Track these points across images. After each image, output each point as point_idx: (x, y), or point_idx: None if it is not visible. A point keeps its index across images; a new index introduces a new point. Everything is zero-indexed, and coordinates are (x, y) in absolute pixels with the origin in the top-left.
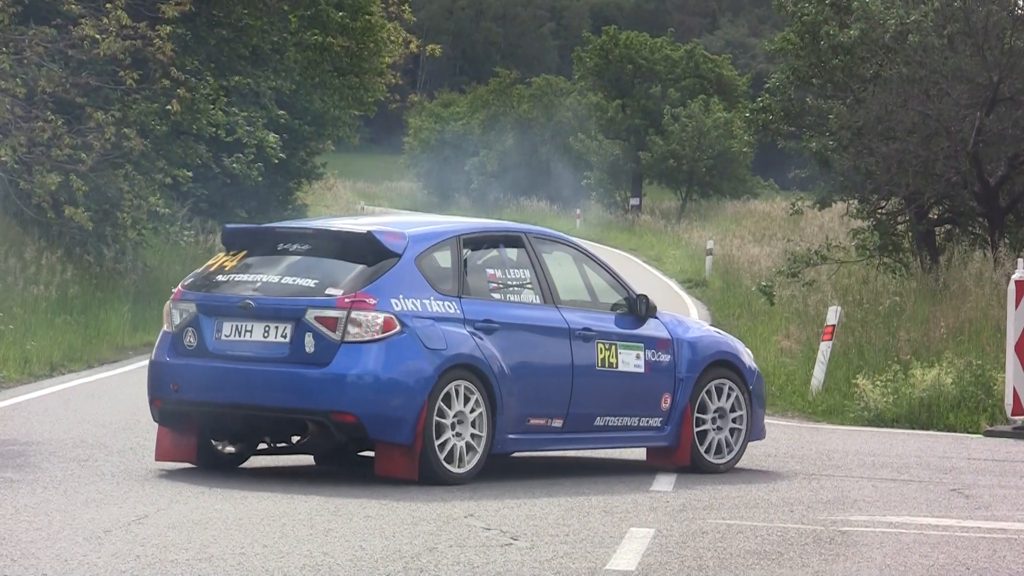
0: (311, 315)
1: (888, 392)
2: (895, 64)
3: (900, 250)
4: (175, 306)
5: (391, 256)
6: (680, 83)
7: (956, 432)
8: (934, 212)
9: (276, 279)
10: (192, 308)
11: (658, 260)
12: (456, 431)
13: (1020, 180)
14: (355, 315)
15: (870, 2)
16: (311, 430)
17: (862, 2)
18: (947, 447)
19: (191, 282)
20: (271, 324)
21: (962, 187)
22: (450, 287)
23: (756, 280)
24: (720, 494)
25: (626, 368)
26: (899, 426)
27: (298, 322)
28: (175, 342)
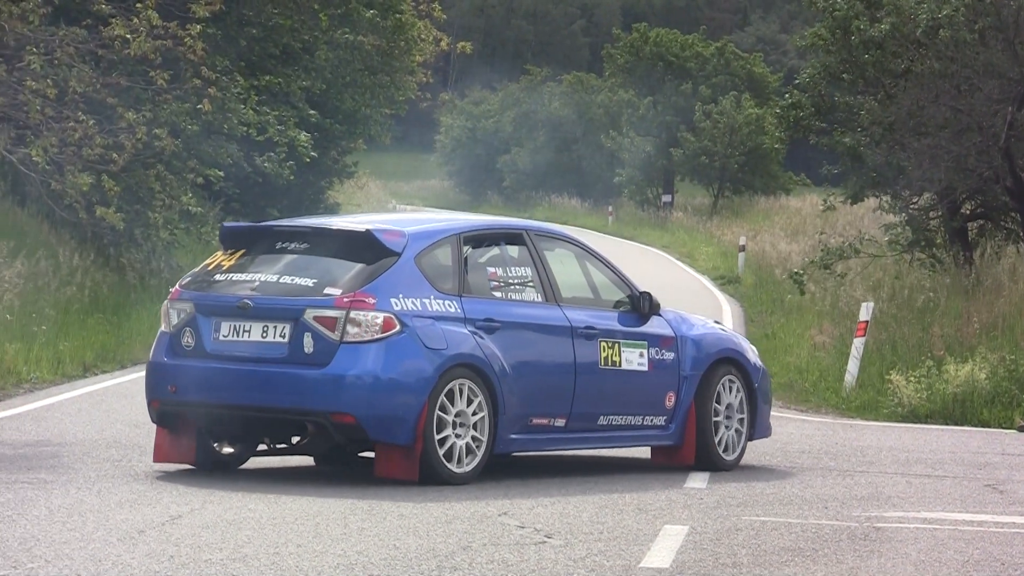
0: (310, 315)
1: (922, 388)
2: (926, 59)
3: (933, 245)
4: (172, 306)
5: (390, 255)
6: (711, 80)
7: (990, 428)
8: (966, 207)
9: (275, 278)
10: (190, 308)
11: (690, 257)
12: (457, 431)
13: None
14: (354, 315)
15: None
16: (310, 431)
17: None
18: (981, 443)
19: (188, 281)
20: (269, 324)
21: (994, 182)
22: (451, 286)
23: (789, 274)
24: (754, 491)
25: (629, 366)
26: (933, 422)
27: (296, 322)
28: (173, 342)
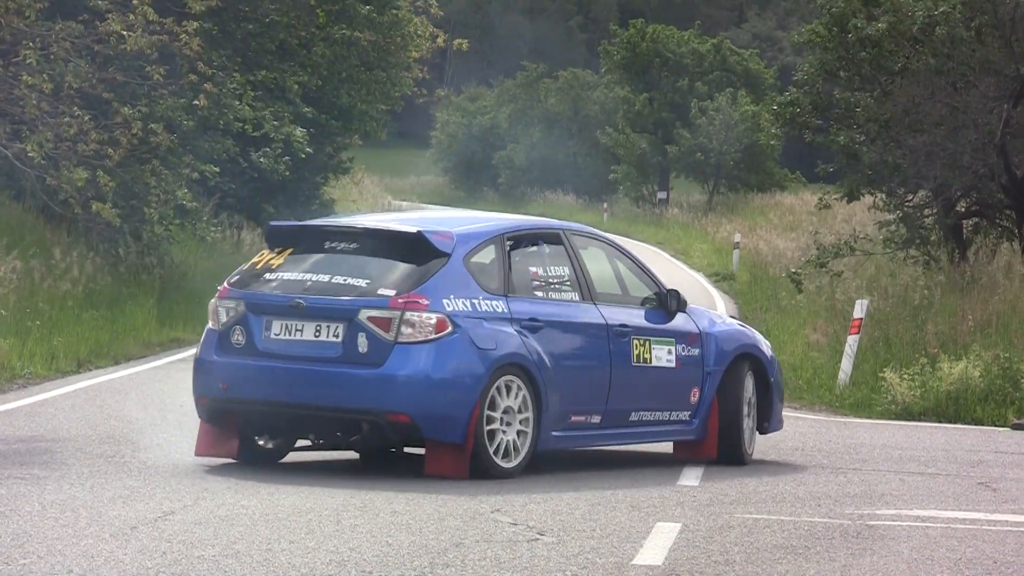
0: (364, 315)
1: (915, 385)
2: (923, 56)
3: (928, 243)
4: (221, 304)
5: (441, 256)
6: (707, 76)
7: (983, 425)
8: (962, 205)
9: (326, 278)
10: (240, 306)
11: (685, 254)
12: (503, 428)
13: None
14: (408, 316)
15: None
16: (365, 430)
17: None
18: (974, 440)
19: (237, 279)
20: (322, 324)
21: (989, 179)
22: (496, 286)
23: (784, 271)
24: (747, 488)
25: (659, 363)
26: (926, 420)
27: (350, 322)
28: (222, 340)
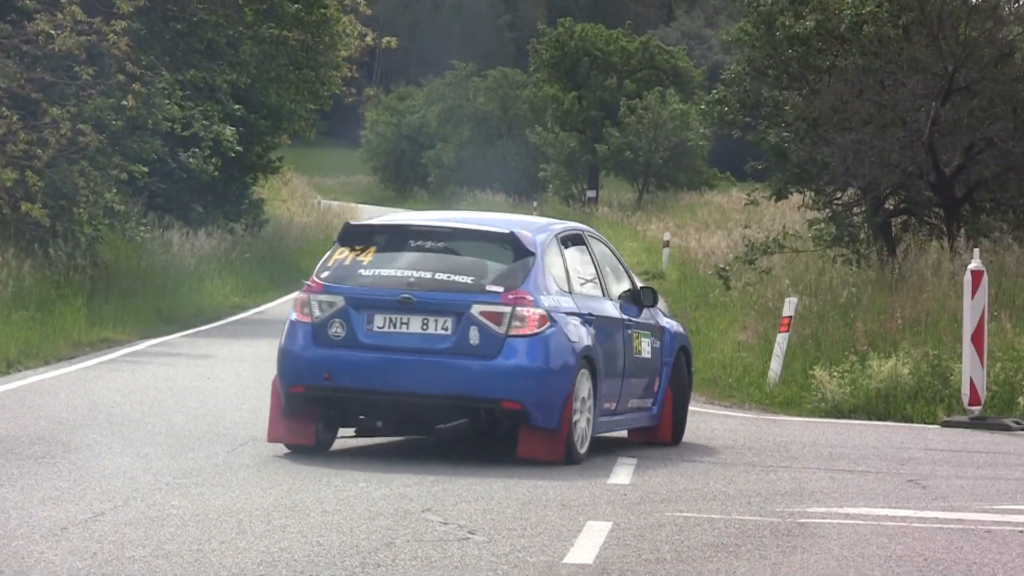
0: (476, 310)
1: (845, 383)
2: (850, 54)
3: (856, 241)
4: (315, 298)
5: (529, 255)
6: (636, 75)
7: (913, 423)
8: (890, 203)
9: (429, 275)
10: (338, 301)
11: None
12: (579, 416)
13: (976, 170)
14: (519, 311)
15: None
16: (481, 417)
17: None
18: (904, 438)
19: (328, 275)
20: (430, 317)
21: (918, 177)
22: (565, 284)
23: (713, 270)
24: (677, 487)
25: (644, 354)
26: (856, 417)
27: (461, 316)
28: (317, 332)
